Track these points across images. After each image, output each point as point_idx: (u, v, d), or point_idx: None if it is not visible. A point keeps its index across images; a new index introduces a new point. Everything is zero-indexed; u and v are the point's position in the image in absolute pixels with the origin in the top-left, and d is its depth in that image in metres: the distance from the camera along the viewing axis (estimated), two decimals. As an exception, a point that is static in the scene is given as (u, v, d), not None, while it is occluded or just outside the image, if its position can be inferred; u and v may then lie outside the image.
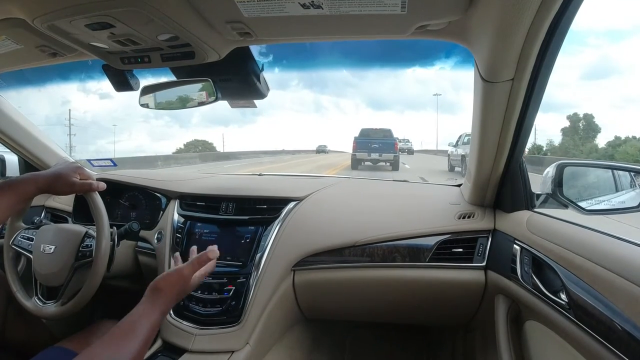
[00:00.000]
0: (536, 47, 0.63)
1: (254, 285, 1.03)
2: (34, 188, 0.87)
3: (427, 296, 1.10)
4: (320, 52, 1.04)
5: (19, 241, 1.06)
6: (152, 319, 0.67)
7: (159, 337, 1.04)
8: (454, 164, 11.49)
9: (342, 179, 1.45)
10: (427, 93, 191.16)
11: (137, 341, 0.62)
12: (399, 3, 0.59)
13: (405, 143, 29.19)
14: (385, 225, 1.09)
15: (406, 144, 29.37)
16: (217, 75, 0.90)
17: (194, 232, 1.15)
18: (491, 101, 0.77)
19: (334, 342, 1.49)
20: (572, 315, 0.67)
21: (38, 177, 0.88)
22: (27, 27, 0.71)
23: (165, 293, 0.72)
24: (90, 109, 79.18)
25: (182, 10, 0.63)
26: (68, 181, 0.89)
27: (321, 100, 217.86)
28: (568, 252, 0.71)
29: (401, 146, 23.74)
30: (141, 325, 0.65)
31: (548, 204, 0.95)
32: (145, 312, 0.68)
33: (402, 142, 25.91)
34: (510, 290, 0.91)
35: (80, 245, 1.00)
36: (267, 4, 0.61)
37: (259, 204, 1.16)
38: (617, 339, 0.56)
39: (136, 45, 0.73)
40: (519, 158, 0.94)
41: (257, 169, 7.10)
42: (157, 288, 0.72)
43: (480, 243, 1.03)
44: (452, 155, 11.69)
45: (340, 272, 1.09)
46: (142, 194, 1.34)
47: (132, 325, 0.64)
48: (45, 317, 1.00)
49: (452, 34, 0.71)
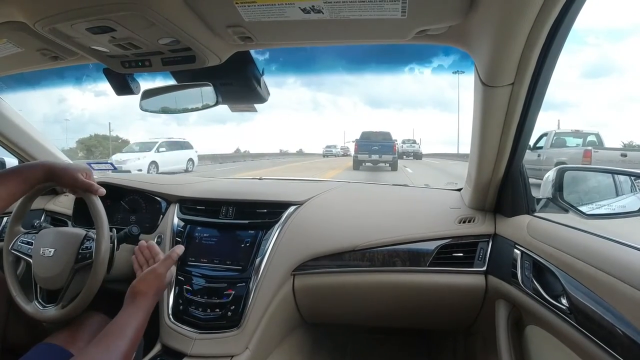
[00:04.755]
0: (536, 51, 0.63)
1: (254, 290, 1.02)
2: (41, 173, 0.89)
3: (428, 301, 1.10)
4: (319, 55, 1.04)
5: (19, 246, 1.05)
6: (137, 320, 0.74)
7: (158, 341, 1.03)
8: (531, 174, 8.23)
9: (342, 184, 1.45)
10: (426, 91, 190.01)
11: (126, 342, 0.69)
12: (399, 8, 0.59)
13: (411, 145, 22.91)
14: (385, 229, 1.09)
15: (412, 145, 22.82)
16: (217, 80, 0.91)
17: (194, 236, 1.15)
18: (491, 105, 0.78)
19: (334, 346, 1.48)
20: (573, 320, 0.67)
21: (46, 163, 0.91)
22: (28, 30, 0.71)
23: (146, 294, 0.79)
24: (87, 106, 79.27)
25: (183, 15, 0.63)
26: (73, 175, 0.92)
27: (318, 98, 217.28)
28: (569, 257, 0.71)
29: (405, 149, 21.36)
30: (128, 327, 0.71)
31: (549, 208, 0.95)
32: (131, 315, 0.74)
33: (406, 144, 22.47)
34: (511, 295, 0.90)
35: (80, 247, 1.00)
36: (268, 9, 0.61)
37: (259, 208, 1.15)
38: (618, 343, 0.56)
39: (137, 49, 0.74)
40: (519, 162, 0.94)
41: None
42: (138, 291, 0.78)
43: (480, 248, 1.03)
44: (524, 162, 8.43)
45: (340, 276, 1.08)
46: (142, 197, 1.34)
47: (120, 328, 0.71)
48: (46, 321, 1.00)
49: (452, 39, 0.72)
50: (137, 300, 0.76)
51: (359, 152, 13.05)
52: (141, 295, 0.78)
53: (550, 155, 7.74)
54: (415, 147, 22.59)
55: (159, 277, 0.83)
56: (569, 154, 7.44)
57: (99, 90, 60.81)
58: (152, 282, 0.81)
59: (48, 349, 0.90)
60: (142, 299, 0.77)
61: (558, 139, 8.16)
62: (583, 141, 8.14)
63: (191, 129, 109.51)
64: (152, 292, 0.80)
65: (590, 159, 6.83)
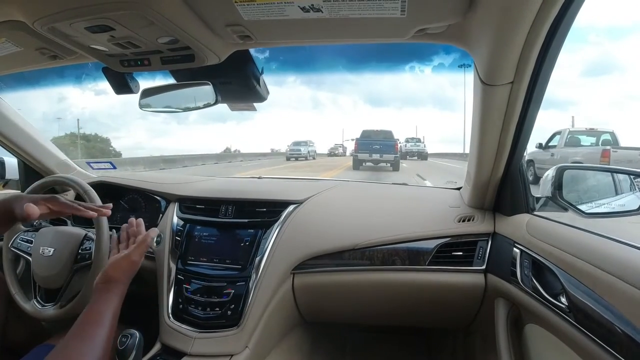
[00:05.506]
0: (536, 50, 0.63)
1: (253, 289, 1.03)
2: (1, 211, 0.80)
3: (427, 299, 1.10)
4: (318, 53, 1.04)
5: (18, 243, 1.05)
6: (113, 306, 0.73)
7: (157, 340, 1.03)
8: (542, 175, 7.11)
9: (341, 182, 1.45)
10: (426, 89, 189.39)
11: (105, 329, 0.68)
12: (399, 7, 0.59)
13: (415, 144, 21.05)
14: (385, 228, 1.09)
15: (416, 144, 20.97)
16: (217, 78, 0.90)
17: (194, 235, 1.15)
18: (491, 104, 0.78)
19: (333, 345, 1.48)
20: (572, 318, 0.67)
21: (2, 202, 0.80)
22: (27, 29, 0.71)
23: (119, 279, 0.77)
24: (88, 105, 79.06)
25: (182, 14, 0.63)
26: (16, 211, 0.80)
27: (319, 96, 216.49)
28: (568, 255, 0.71)
29: (409, 148, 20.34)
30: (106, 314, 0.70)
31: (548, 207, 0.95)
32: (107, 301, 0.73)
33: (410, 143, 21.01)
34: (511, 293, 0.90)
35: (79, 247, 1.00)
36: (267, 7, 0.61)
37: (259, 207, 1.15)
38: (617, 342, 0.56)
39: (136, 48, 0.73)
40: (518, 161, 0.94)
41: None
42: (111, 277, 0.77)
43: (480, 246, 1.03)
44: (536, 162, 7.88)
45: (339, 275, 1.08)
46: (141, 196, 1.34)
47: (97, 316, 0.70)
48: (44, 320, 1.00)
49: (451, 37, 0.71)
50: (110, 286, 0.75)
51: (359, 151, 12.81)
52: (114, 281, 0.76)
53: (564, 154, 7.46)
54: (420, 146, 20.97)
55: (132, 264, 0.81)
56: (584, 153, 7.23)
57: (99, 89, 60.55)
58: (125, 268, 0.80)
59: (49, 350, 0.89)
60: (115, 285, 0.76)
61: (572, 138, 7.83)
62: (597, 140, 7.82)
63: (191, 128, 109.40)
64: (125, 278, 0.79)
65: (609, 158, 6.58)
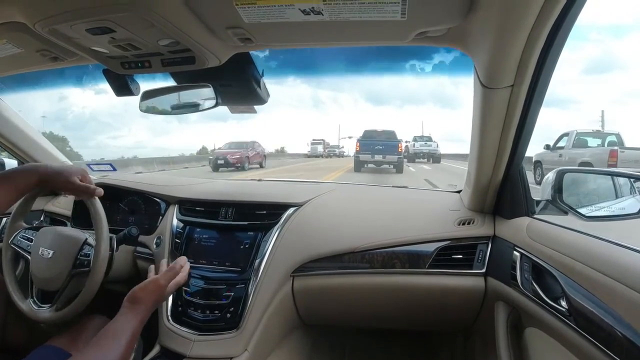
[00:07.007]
0: (536, 53, 0.64)
1: (253, 291, 1.02)
2: (35, 179, 0.88)
3: (427, 302, 1.10)
4: (319, 54, 1.04)
5: (19, 241, 1.05)
6: (133, 326, 0.73)
7: (157, 343, 1.03)
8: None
9: (341, 185, 1.45)
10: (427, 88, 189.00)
11: (122, 345, 0.69)
12: (399, 10, 0.59)
13: (426, 143, 17.97)
14: (384, 231, 1.09)
15: (427, 144, 17.88)
16: (217, 81, 0.90)
17: (193, 238, 1.15)
18: (491, 107, 0.78)
19: (333, 347, 1.48)
20: (572, 322, 0.67)
21: (39, 167, 0.90)
22: (27, 31, 0.71)
23: (145, 302, 0.78)
24: (88, 104, 79.22)
25: (183, 16, 0.63)
26: (69, 179, 0.91)
27: (319, 95, 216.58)
28: (568, 259, 0.71)
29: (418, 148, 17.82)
30: (125, 332, 0.71)
31: (548, 210, 0.95)
32: (128, 320, 0.74)
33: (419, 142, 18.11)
34: (510, 297, 0.90)
35: (78, 253, 0.99)
36: (268, 10, 0.61)
37: (259, 210, 1.15)
38: (617, 345, 0.56)
39: (137, 50, 0.73)
40: (518, 164, 0.94)
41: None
42: (137, 298, 0.78)
43: (480, 249, 1.03)
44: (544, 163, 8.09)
45: (339, 278, 1.08)
46: (141, 198, 1.33)
47: (116, 333, 0.71)
48: (39, 321, 0.99)
49: (451, 40, 0.72)
50: (135, 307, 0.77)
51: (360, 151, 12.40)
52: (140, 302, 0.78)
53: (573, 155, 7.66)
54: (432, 146, 17.77)
55: (159, 289, 0.82)
56: (591, 154, 7.43)
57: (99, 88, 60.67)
58: (152, 291, 0.81)
59: (49, 351, 0.90)
60: (140, 306, 0.77)
61: (579, 139, 8.01)
62: (602, 141, 8.05)
63: (192, 127, 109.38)
64: (151, 302, 0.80)
65: (617, 159, 6.76)
